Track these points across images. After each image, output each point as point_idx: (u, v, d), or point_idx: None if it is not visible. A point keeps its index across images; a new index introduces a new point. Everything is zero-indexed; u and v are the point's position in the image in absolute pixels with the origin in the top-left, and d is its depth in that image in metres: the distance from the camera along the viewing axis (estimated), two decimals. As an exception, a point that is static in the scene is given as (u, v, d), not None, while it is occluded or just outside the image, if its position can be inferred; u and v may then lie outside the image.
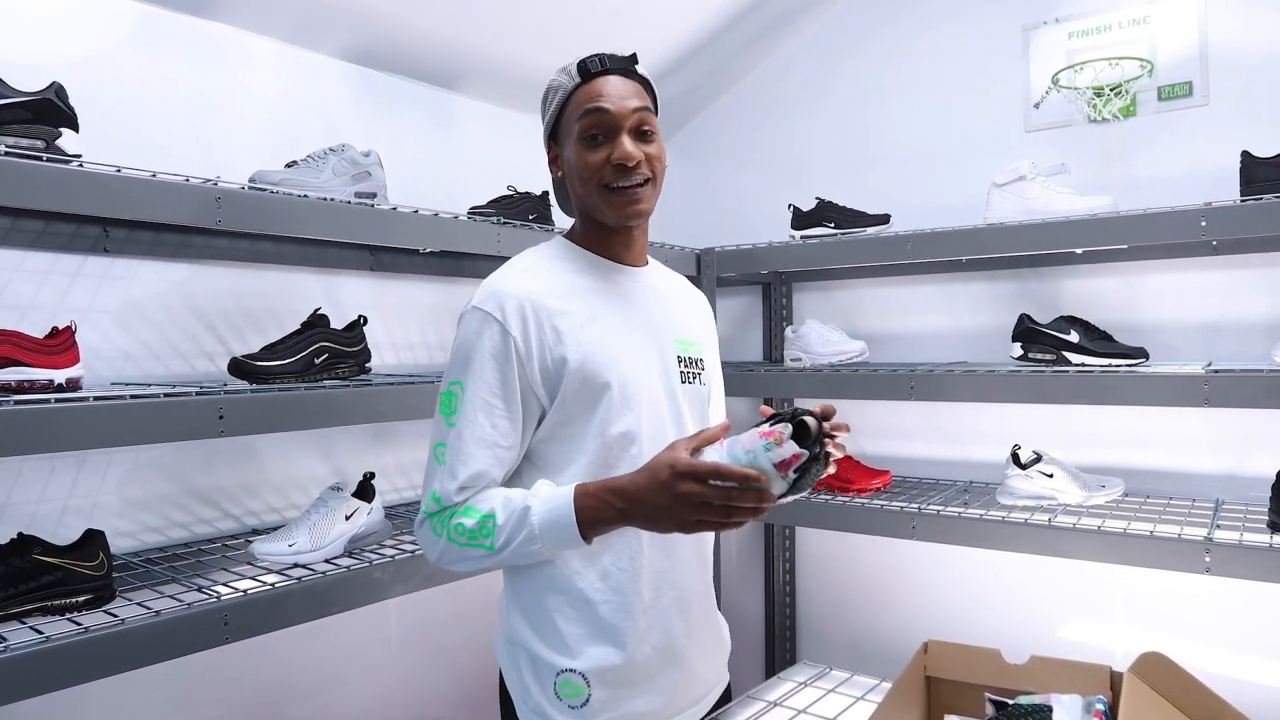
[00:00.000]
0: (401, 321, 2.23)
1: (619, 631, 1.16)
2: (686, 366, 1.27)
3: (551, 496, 1.09)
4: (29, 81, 1.35)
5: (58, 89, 1.31)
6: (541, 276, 1.19)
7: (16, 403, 1.22)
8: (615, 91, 1.16)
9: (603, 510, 1.06)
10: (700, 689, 1.28)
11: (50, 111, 1.28)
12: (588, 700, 1.15)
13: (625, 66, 1.19)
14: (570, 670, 1.16)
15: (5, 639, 1.22)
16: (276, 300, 1.98)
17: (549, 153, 1.26)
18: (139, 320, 1.77)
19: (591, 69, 1.17)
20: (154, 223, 1.65)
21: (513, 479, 1.20)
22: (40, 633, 1.25)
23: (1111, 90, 2.15)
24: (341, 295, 2.09)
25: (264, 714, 1.98)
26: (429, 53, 2.23)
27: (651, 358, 1.22)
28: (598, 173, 1.16)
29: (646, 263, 1.31)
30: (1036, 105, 2.31)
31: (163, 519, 1.80)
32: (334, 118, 2.11)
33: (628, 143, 1.15)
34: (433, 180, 2.31)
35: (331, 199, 1.63)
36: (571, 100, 1.18)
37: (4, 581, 1.29)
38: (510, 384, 1.13)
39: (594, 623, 1.17)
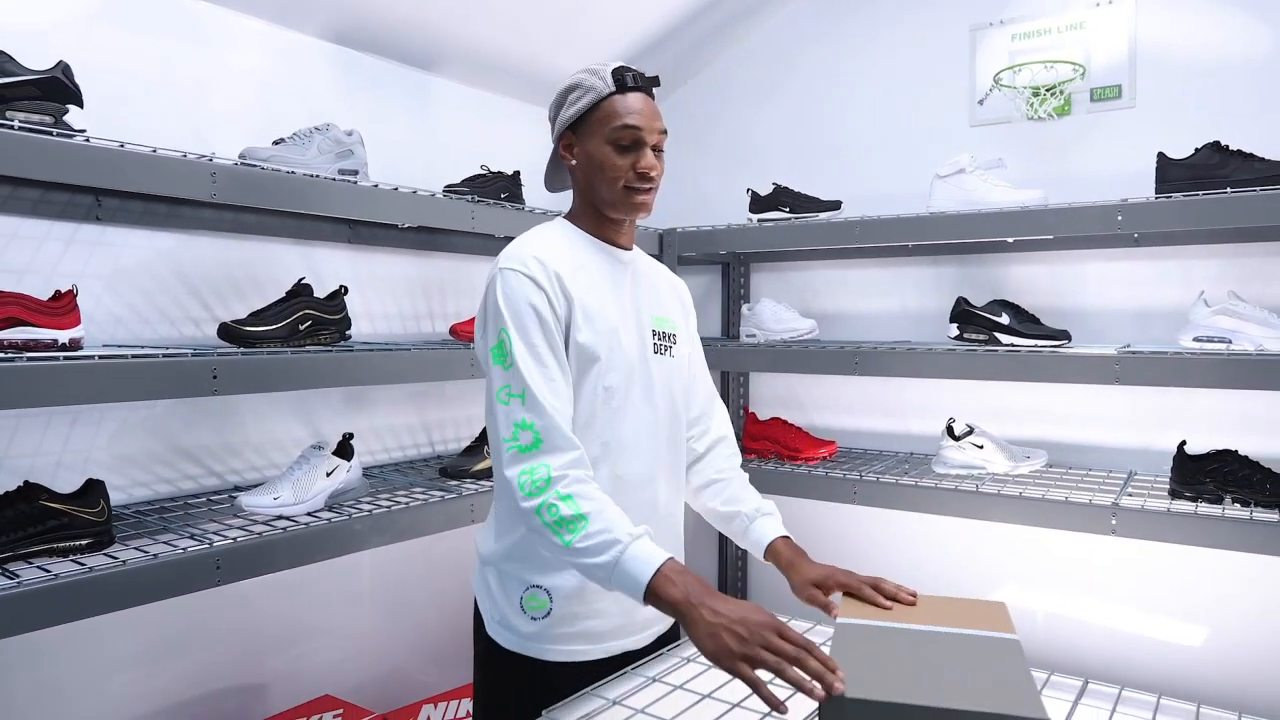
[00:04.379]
0: (378, 293, 2.34)
1: None
2: (659, 340, 1.42)
3: (648, 554, 1.13)
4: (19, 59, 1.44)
5: (64, 68, 1.40)
6: (556, 249, 1.33)
7: (29, 359, 1.32)
8: (646, 111, 1.33)
9: (677, 590, 1.10)
10: (650, 612, 1.42)
11: (58, 89, 1.38)
12: (549, 613, 1.32)
13: (652, 87, 1.36)
14: (537, 586, 1.32)
15: (18, 576, 1.33)
16: (259, 269, 2.08)
17: (561, 139, 1.39)
18: (129, 286, 1.86)
19: (626, 83, 1.32)
20: (144, 193, 1.75)
21: None
22: (48, 571, 1.37)
23: (1047, 90, 2.32)
24: (321, 266, 2.19)
25: (244, 662, 2.10)
26: (406, 35, 2.32)
27: (631, 328, 1.37)
28: (623, 175, 1.33)
29: (633, 248, 1.46)
30: (980, 102, 2.47)
31: (150, 474, 1.91)
32: (315, 96, 2.20)
33: (651, 156, 1.33)
34: (408, 158, 2.40)
35: (317, 175, 1.73)
36: (603, 107, 1.33)
37: (13, 524, 1.40)
38: (550, 330, 1.27)
39: None
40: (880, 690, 0.99)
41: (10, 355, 1.35)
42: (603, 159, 1.33)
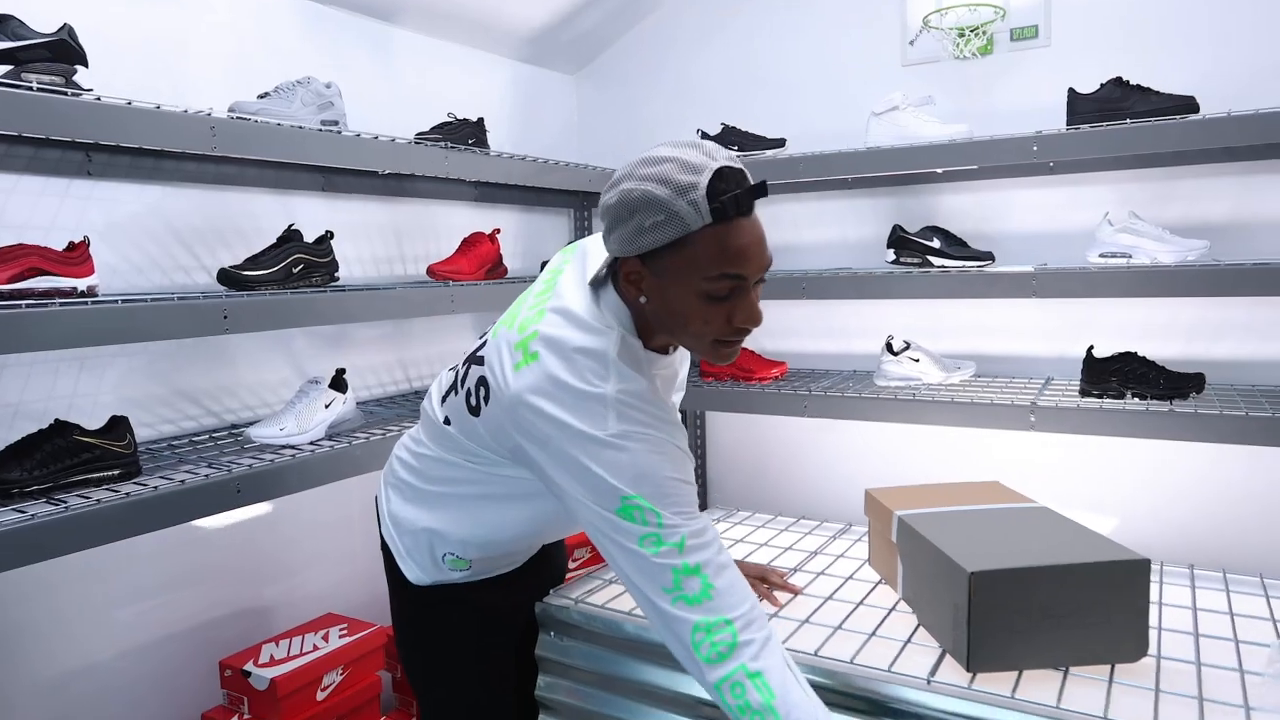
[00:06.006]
0: (353, 238, 2.45)
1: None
2: None
3: None
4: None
5: (69, 30, 1.49)
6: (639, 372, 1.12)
7: (61, 304, 1.44)
8: (753, 247, 1.05)
9: None
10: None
11: (66, 50, 1.47)
12: (470, 566, 1.35)
13: (759, 197, 1.07)
14: (451, 554, 1.34)
15: (66, 503, 1.47)
16: (241, 219, 2.18)
17: (625, 266, 1.09)
18: (122, 238, 1.95)
19: (729, 211, 1.03)
20: (130, 147, 1.84)
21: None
22: (88, 498, 1.50)
23: (971, 31, 2.51)
24: (299, 214, 2.29)
25: (246, 590, 2.26)
26: (368, -13, 2.40)
27: None
28: (716, 329, 1.08)
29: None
30: (911, 43, 2.66)
31: (154, 415, 2.03)
32: (285, 51, 2.27)
33: (754, 303, 1.08)
34: (374, 107, 2.50)
35: (302, 126, 1.85)
36: (695, 244, 1.03)
37: (51, 458, 1.52)
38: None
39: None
40: (998, 559, 1.13)
41: (39, 302, 1.46)
42: (691, 311, 1.05)
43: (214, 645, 2.14)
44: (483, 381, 1.18)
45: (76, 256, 1.59)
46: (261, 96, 1.88)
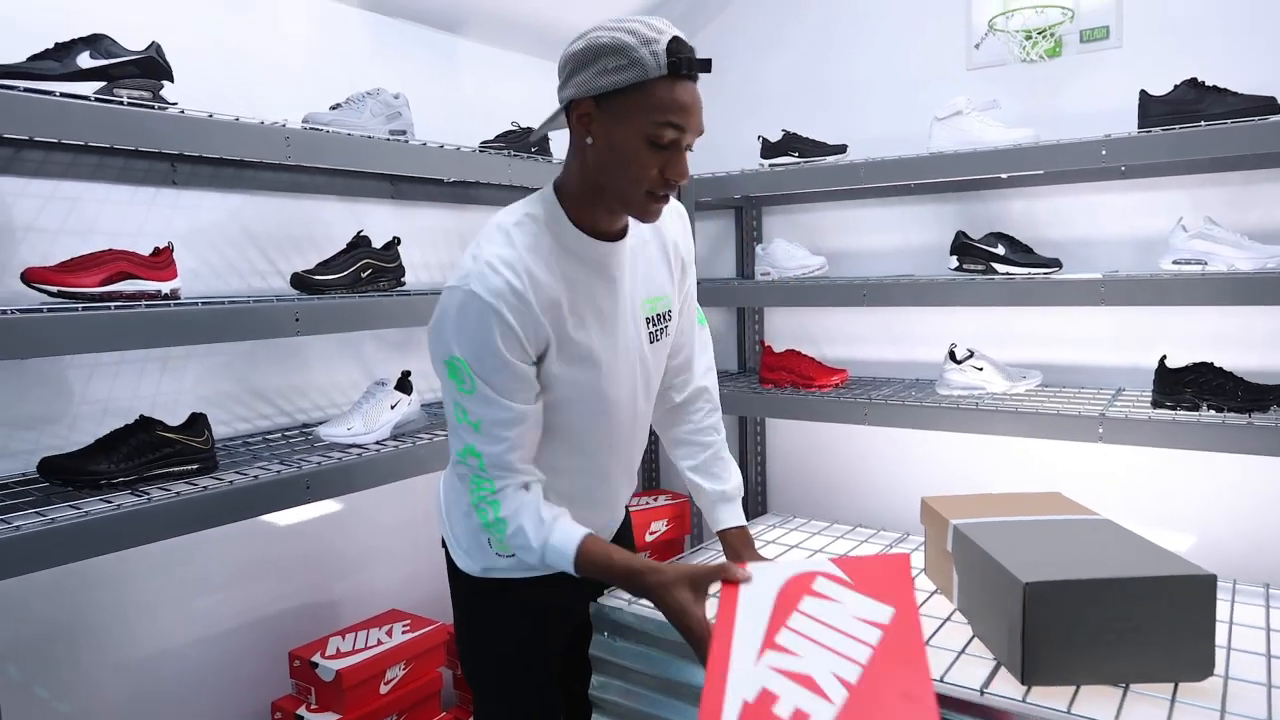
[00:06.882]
0: (419, 243, 2.52)
1: None
2: (654, 325, 1.35)
3: (560, 551, 1.20)
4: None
5: (157, 47, 1.58)
6: (537, 269, 1.19)
7: (146, 307, 1.52)
8: (695, 107, 1.16)
9: (602, 575, 1.22)
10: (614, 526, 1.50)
11: (154, 67, 1.55)
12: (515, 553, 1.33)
13: (704, 71, 1.17)
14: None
15: (149, 494, 1.55)
16: (313, 226, 2.26)
17: (578, 108, 1.17)
18: (203, 243, 2.05)
19: (682, 68, 1.13)
20: (215, 158, 1.94)
21: None
22: (169, 490, 1.58)
23: (1039, 33, 2.46)
24: (367, 221, 2.37)
25: (314, 585, 2.34)
26: None
27: (626, 330, 1.30)
28: (650, 178, 1.16)
29: (627, 230, 1.30)
30: (977, 46, 2.62)
31: (230, 413, 2.12)
32: (353, 63, 2.36)
33: (686, 161, 1.17)
34: (438, 117, 2.56)
35: (371, 136, 1.91)
36: (648, 90, 1.12)
37: (136, 451, 1.61)
38: (514, 374, 1.19)
39: None
40: (1054, 571, 1.11)
41: (126, 304, 1.55)
42: (632, 154, 1.14)
43: (283, 636, 2.22)
44: None
45: (161, 261, 1.67)
46: (333, 108, 1.95)
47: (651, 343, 1.35)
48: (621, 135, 1.14)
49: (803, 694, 0.91)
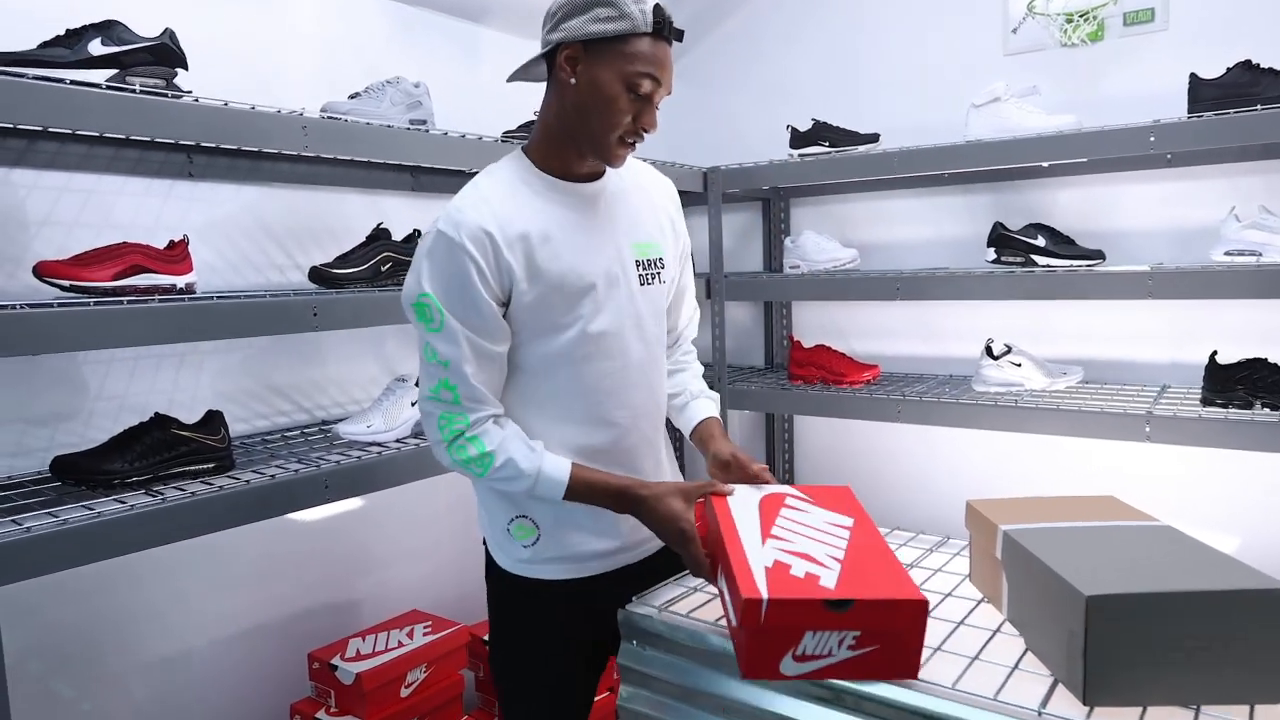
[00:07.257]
0: (440, 237, 2.47)
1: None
2: (644, 269, 1.38)
3: (552, 477, 1.27)
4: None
5: (170, 34, 1.53)
6: (501, 203, 1.26)
7: (160, 301, 1.48)
8: (670, 65, 1.27)
9: (593, 497, 1.30)
10: (643, 533, 1.40)
11: (168, 54, 1.50)
12: (537, 540, 1.36)
13: (678, 40, 1.29)
14: (522, 516, 1.36)
15: (163, 494, 1.50)
16: (332, 219, 2.22)
17: (566, 50, 1.25)
18: (220, 236, 2.00)
19: (664, 30, 1.24)
20: (229, 149, 1.89)
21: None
22: (184, 490, 1.54)
23: (1080, 16, 2.37)
24: (387, 213, 2.31)
25: (337, 584, 2.30)
26: (457, -13, 2.42)
27: (615, 269, 1.33)
28: (623, 123, 1.26)
29: (604, 173, 1.37)
30: (1014, 30, 2.53)
31: (248, 410, 2.08)
32: (371, 51, 2.30)
33: (656, 114, 1.29)
34: (458, 107, 2.51)
35: (391, 126, 1.86)
36: (634, 42, 1.23)
37: (151, 450, 1.56)
38: (483, 312, 1.25)
39: None
40: (1118, 583, 1.04)
41: (140, 299, 1.50)
42: (611, 97, 1.23)
43: (303, 637, 2.18)
44: None
45: (176, 254, 1.63)
46: (352, 97, 1.89)
47: (642, 285, 1.38)
48: (606, 78, 1.24)
49: (807, 564, 1.12)
